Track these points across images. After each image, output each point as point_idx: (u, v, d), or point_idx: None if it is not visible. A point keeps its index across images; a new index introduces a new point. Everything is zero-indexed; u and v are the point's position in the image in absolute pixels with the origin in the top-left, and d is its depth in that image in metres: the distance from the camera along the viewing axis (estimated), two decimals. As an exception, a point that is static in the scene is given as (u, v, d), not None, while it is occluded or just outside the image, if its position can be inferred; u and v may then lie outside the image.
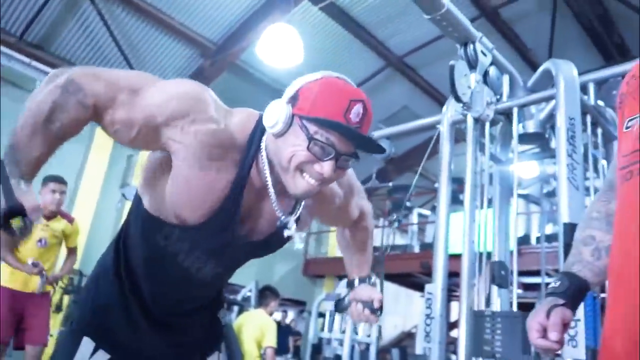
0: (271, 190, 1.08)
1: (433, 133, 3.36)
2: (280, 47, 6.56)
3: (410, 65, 7.71)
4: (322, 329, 6.51)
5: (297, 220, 1.17)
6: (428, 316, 2.51)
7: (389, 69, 7.67)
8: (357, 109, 1.00)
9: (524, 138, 2.85)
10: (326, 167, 1.01)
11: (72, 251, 3.77)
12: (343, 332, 5.71)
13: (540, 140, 2.91)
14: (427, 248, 8.45)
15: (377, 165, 3.75)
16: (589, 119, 2.61)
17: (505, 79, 2.77)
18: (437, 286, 2.54)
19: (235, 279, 1.45)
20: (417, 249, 9.00)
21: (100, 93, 0.99)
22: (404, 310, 12.01)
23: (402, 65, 7.62)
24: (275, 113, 1.02)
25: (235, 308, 6.32)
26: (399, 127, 3.57)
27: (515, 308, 2.31)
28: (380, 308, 1.34)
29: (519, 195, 6.65)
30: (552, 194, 7.13)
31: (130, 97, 1.01)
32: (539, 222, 7.58)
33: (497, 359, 2.27)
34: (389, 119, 8.66)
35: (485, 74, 2.63)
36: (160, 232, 1.15)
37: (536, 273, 4.91)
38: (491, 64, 2.67)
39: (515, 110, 2.65)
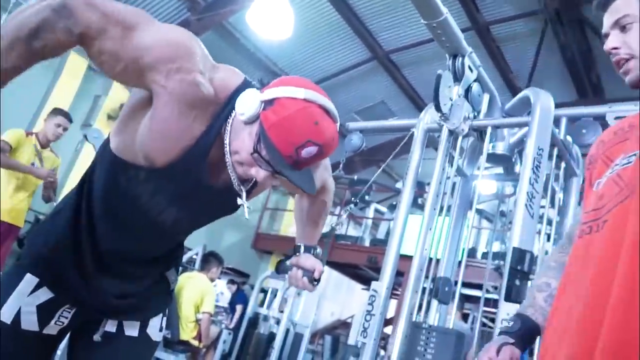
0: (228, 158, 1.11)
1: (405, 133, 3.41)
2: (271, 18, 6.46)
3: (395, 63, 7.74)
4: (262, 305, 6.56)
5: (252, 187, 1.20)
6: (369, 312, 2.57)
7: (374, 62, 7.68)
8: (311, 150, 1.03)
9: (492, 158, 2.93)
10: (260, 175, 1.07)
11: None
12: (281, 311, 5.77)
13: (507, 163, 2.99)
14: (377, 244, 8.62)
15: (345, 156, 3.76)
16: (555, 151, 2.70)
17: (486, 97, 2.82)
18: (383, 285, 2.61)
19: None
20: (367, 243, 9.14)
21: (92, 23, 0.97)
22: (343, 299, 12.22)
23: (387, 60, 7.64)
24: (247, 104, 1.06)
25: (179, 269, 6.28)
26: (374, 123, 3.60)
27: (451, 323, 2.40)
28: (318, 279, 1.37)
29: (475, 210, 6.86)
30: (504, 213, 7.39)
31: (122, 32, 1.00)
32: (488, 238, 7.84)
33: None
34: (364, 111, 8.72)
35: (468, 89, 2.68)
36: (125, 174, 1.15)
37: (477, 286, 5.09)
38: (475, 80, 2.72)
39: (489, 130, 2.72)
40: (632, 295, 0.82)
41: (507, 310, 2.16)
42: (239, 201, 1.16)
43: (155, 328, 1.36)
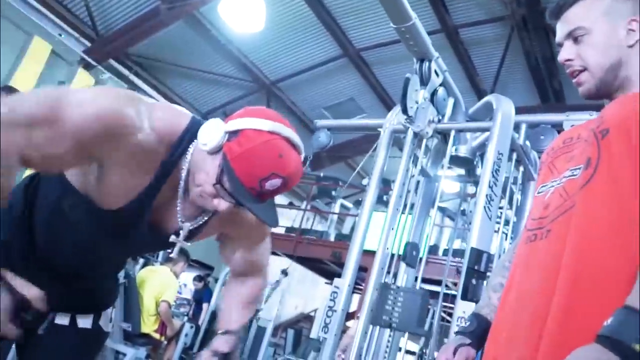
0: (180, 197, 1.14)
1: (372, 133, 3.47)
2: (243, 10, 6.42)
3: (366, 60, 7.81)
4: (225, 298, 6.53)
5: (198, 229, 1.23)
6: (331, 308, 2.62)
7: (344, 59, 7.73)
8: (275, 182, 1.04)
9: (455, 160, 3.01)
10: (222, 206, 1.08)
11: None
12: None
13: (469, 165, 3.09)
14: (342, 239, 8.70)
15: (312, 153, 3.80)
16: (514, 155, 2.81)
17: (450, 101, 2.90)
18: (345, 282, 2.66)
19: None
20: (332, 238, 9.22)
21: (21, 145, 0.96)
22: (306, 293, 12.29)
23: (357, 58, 7.71)
24: (211, 135, 1.06)
25: (141, 261, 6.20)
26: (342, 121, 3.67)
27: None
28: None
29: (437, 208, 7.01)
30: (465, 212, 7.57)
31: (50, 130, 0.97)
32: (450, 235, 8.03)
33: (393, 328, 2.44)
34: (334, 107, 8.77)
35: (434, 93, 2.75)
36: (68, 199, 1.17)
37: (437, 282, 5.22)
38: (441, 84, 2.80)
39: (452, 133, 2.80)
40: (570, 303, 0.86)
41: (463, 308, 2.25)
42: (172, 238, 1.19)
43: (106, 319, 1.40)
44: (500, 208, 2.66)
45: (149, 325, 4.55)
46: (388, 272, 2.66)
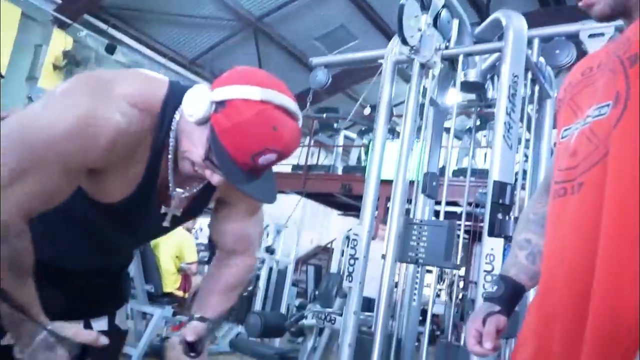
0: (170, 168, 1.05)
1: (371, 64, 3.26)
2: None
3: (353, -17, 7.38)
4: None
5: (198, 200, 1.17)
6: (352, 256, 2.55)
7: (330, -17, 7.31)
8: (269, 157, 0.94)
9: (465, 86, 2.83)
10: (215, 179, 1.00)
11: None
12: (268, 251, 5.78)
13: (480, 90, 2.91)
14: (350, 171, 8.62)
15: (311, 92, 3.62)
16: (529, 75, 2.62)
17: (455, 23, 2.67)
18: (364, 229, 2.57)
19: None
20: (340, 171, 9.14)
21: (25, 208, 0.90)
22: (320, 226, 12.43)
23: (344, -19, 7.28)
24: (196, 105, 0.95)
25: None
26: (339, 57, 3.46)
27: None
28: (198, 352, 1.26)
29: (444, 129, 6.87)
30: (469, 130, 7.41)
31: (34, 175, 0.89)
32: (458, 156, 7.92)
33: (420, 264, 2.40)
34: (324, 37, 8.40)
35: (436, 17, 2.52)
36: (71, 196, 1.04)
37: (449, 204, 5.18)
38: (443, 6, 2.56)
39: (460, 58, 2.60)
40: (619, 265, 0.77)
41: (491, 245, 2.16)
42: (163, 209, 1.11)
43: (122, 317, 1.34)
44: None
45: (170, 285, 4.61)
46: (408, 201, 2.57)
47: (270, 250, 5.71)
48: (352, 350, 2.41)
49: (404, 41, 2.34)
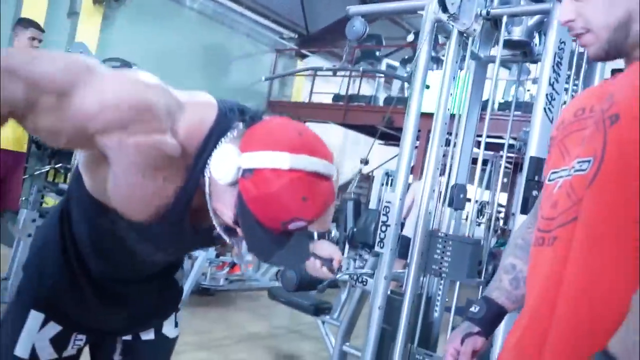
0: (210, 206, 1.02)
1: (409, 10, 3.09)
2: None
3: None
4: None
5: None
6: (384, 223, 2.58)
7: None
8: (297, 225, 0.93)
9: (509, 44, 2.66)
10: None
11: None
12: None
13: (525, 47, 2.72)
14: (391, 102, 8.42)
15: (348, 45, 3.49)
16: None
17: (499, -21, 2.47)
18: (396, 196, 2.57)
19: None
20: (381, 102, 8.96)
21: (18, 99, 0.80)
22: (362, 154, 12.39)
23: None
24: (223, 170, 0.94)
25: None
26: (376, 6, 3.27)
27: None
28: (339, 268, 1.35)
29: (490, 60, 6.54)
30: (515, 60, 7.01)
31: (57, 102, 0.83)
32: (505, 88, 7.59)
33: (443, 278, 2.43)
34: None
35: (479, -25, 2.33)
36: (106, 216, 1.08)
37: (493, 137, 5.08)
38: (487, -39, 2.36)
39: (504, 18, 2.43)
40: (572, 322, 0.82)
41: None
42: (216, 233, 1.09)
43: (171, 326, 1.39)
44: (564, 103, 2.37)
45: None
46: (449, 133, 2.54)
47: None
48: (382, 312, 2.51)
49: (444, 8, 2.20)
